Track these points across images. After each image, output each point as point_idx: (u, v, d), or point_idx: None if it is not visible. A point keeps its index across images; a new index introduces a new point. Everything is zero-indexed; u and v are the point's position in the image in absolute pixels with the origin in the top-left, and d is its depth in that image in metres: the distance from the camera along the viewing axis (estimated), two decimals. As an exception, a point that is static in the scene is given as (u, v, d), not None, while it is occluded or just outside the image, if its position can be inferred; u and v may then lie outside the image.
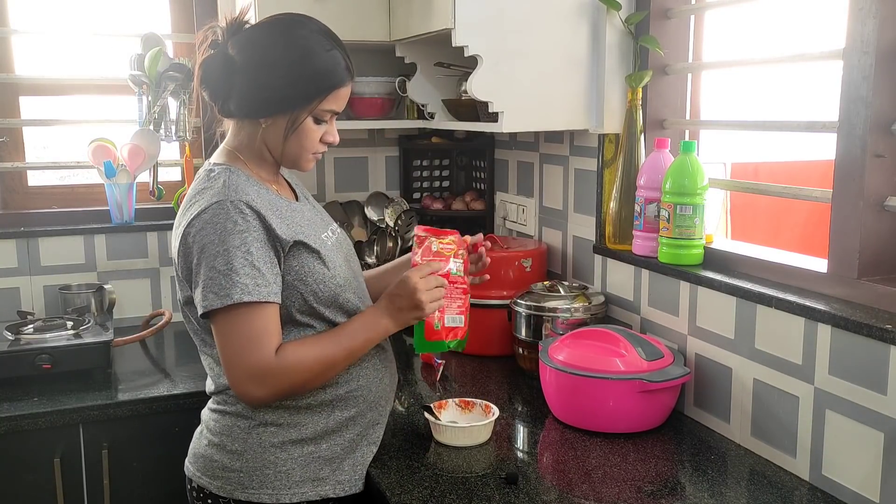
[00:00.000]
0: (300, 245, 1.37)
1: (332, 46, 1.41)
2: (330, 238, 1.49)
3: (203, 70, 1.41)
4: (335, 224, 1.59)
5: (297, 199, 1.53)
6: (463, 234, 1.58)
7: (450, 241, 1.52)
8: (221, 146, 1.47)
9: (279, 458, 1.39)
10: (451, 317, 1.50)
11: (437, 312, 1.46)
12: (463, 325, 1.51)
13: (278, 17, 1.42)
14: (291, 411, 1.40)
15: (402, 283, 1.41)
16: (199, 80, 1.42)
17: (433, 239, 1.51)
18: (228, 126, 1.47)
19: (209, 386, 1.50)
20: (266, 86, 1.37)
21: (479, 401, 1.65)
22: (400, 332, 1.47)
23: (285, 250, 1.35)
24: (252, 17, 1.92)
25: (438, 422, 1.57)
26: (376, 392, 1.49)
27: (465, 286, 1.52)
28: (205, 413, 1.50)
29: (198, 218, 1.32)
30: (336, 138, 1.46)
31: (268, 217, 1.34)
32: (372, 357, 1.49)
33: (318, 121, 1.41)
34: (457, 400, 1.67)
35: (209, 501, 1.43)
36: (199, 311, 1.32)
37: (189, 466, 1.48)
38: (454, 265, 1.50)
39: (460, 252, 1.53)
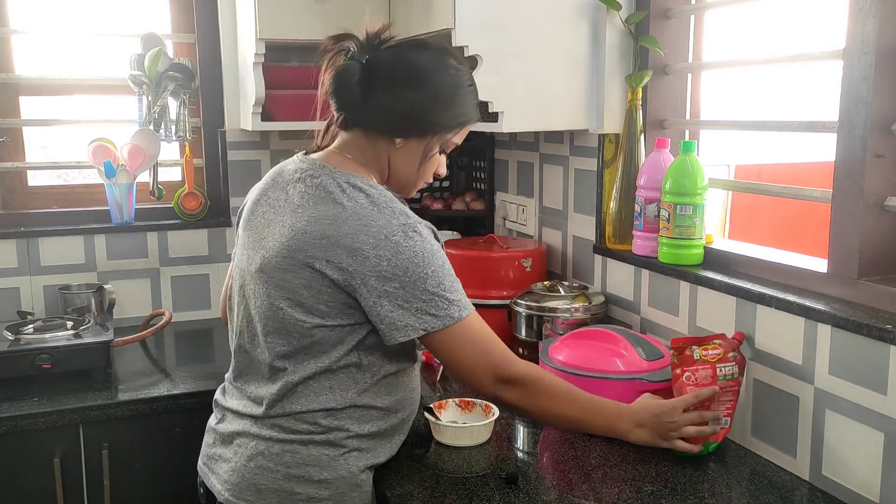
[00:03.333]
0: None
1: (472, 82, 1.44)
2: None
3: (337, 79, 1.38)
4: None
5: None
6: (464, 236, 1.60)
7: (714, 346, 1.49)
8: (335, 153, 1.42)
9: (364, 480, 1.39)
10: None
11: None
12: (728, 426, 1.51)
13: (428, 41, 1.43)
14: (375, 439, 1.41)
15: (671, 411, 1.44)
16: (328, 88, 1.39)
17: (695, 347, 1.49)
18: (336, 136, 1.45)
19: (280, 407, 1.38)
20: (416, 107, 1.37)
21: (478, 400, 1.64)
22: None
23: None
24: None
25: (438, 422, 1.57)
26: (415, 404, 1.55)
27: (735, 387, 1.49)
28: (261, 444, 1.38)
29: (390, 241, 1.30)
30: (444, 171, 1.49)
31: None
32: (417, 372, 1.53)
33: (442, 151, 1.44)
34: (457, 400, 1.66)
35: None
36: (416, 334, 1.32)
37: (232, 499, 1.38)
38: (723, 370, 1.48)
39: (730, 354, 1.49)
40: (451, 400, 1.67)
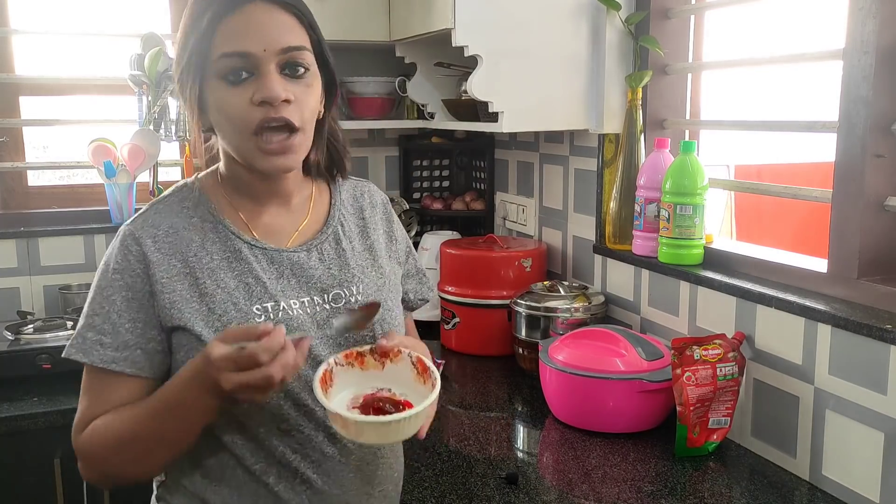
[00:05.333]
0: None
1: None
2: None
3: None
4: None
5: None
6: (464, 236, 1.55)
7: (715, 346, 1.49)
8: None
9: None
10: (715, 419, 1.51)
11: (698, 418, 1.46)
12: (727, 427, 1.51)
13: None
14: None
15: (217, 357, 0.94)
16: None
17: (695, 347, 1.49)
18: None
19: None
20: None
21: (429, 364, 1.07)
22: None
23: None
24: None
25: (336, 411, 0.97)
26: None
27: (735, 388, 1.49)
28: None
29: None
30: (270, 91, 0.99)
31: None
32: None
33: (228, 80, 1.01)
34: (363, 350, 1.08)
35: None
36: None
37: None
38: (723, 370, 1.48)
39: (730, 354, 1.49)
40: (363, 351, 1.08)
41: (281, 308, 1.07)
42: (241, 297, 1.06)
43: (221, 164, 1.15)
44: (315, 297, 1.10)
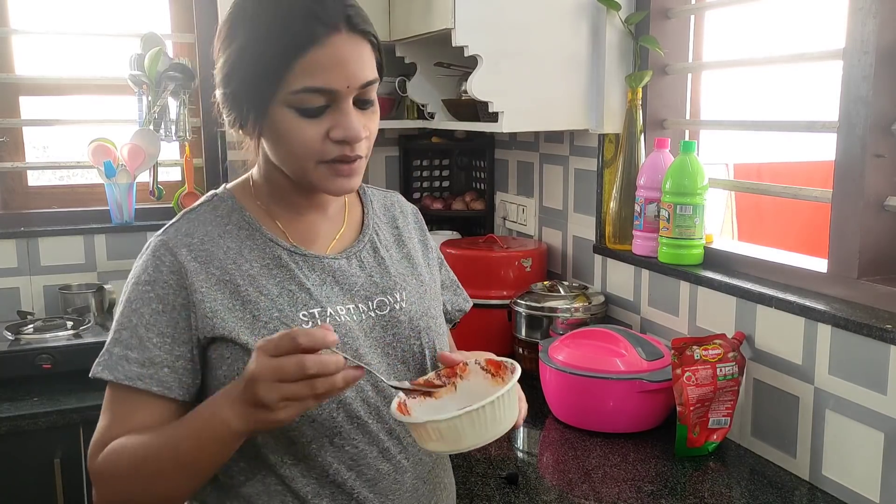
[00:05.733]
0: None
1: None
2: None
3: None
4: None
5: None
6: (464, 236, 1.54)
7: (715, 346, 1.49)
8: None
9: None
10: (715, 419, 1.51)
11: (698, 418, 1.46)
12: (727, 427, 1.52)
13: None
14: None
15: (264, 371, 0.87)
16: None
17: (695, 347, 1.49)
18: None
19: None
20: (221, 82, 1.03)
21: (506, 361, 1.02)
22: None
23: None
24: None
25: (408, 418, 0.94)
26: None
27: (735, 388, 1.49)
28: None
29: None
30: (351, 131, 0.97)
31: None
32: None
33: (301, 111, 0.96)
34: (481, 361, 1.03)
35: None
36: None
37: None
38: (723, 370, 1.48)
39: (730, 354, 1.49)
40: (472, 363, 1.03)
41: (328, 314, 1.03)
42: (286, 303, 1.01)
43: (258, 173, 1.10)
44: (360, 305, 1.06)
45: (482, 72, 1.86)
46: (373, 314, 1.07)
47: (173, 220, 1.07)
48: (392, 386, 0.98)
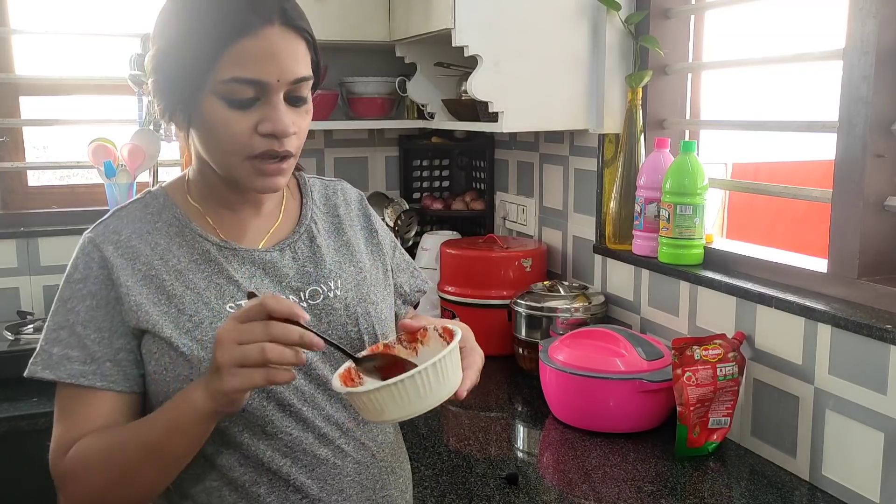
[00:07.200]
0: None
1: None
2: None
3: None
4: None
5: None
6: (464, 236, 1.55)
7: (715, 346, 1.50)
8: None
9: None
10: (715, 419, 1.51)
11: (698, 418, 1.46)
12: (727, 427, 1.51)
13: None
14: None
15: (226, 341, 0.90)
16: None
17: (695, 347, 1.49)
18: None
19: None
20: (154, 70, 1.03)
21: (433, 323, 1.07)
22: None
23: None
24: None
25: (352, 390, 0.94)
26: None
27: (735, 388, 1.49)
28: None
29: None
30: (280, 125, 0.97)
31: None
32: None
33: (230, 102, 0.96)
34: (436, 327, 1.05)
35: None
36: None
37: None
38: (723, 370, 1.48)
39: (730, 354, 1.49)
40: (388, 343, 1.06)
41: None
42: (213, 296, 1.02)
43: (192, 170, 1.10)
44: (290, 296, 1.07)
45: (482, 72, 1.86)
46: (304, 304, 1.07)
47: (104, 217, 1.09)
48: (359, 358, 0.99)
